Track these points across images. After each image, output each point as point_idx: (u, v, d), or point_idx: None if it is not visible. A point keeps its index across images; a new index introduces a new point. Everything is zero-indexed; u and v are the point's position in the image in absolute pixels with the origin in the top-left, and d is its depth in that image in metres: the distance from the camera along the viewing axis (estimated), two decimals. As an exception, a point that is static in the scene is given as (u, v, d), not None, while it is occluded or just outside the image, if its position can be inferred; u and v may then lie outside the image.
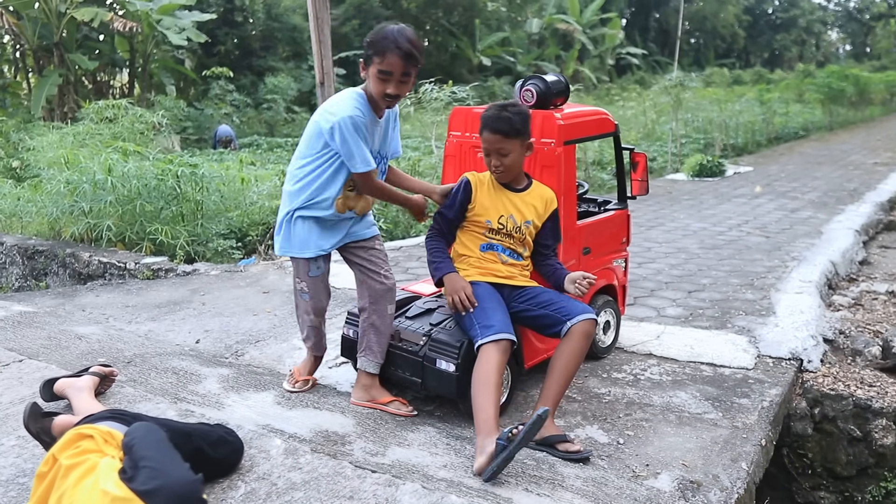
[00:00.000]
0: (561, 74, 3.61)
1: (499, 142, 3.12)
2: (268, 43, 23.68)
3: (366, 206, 3.30)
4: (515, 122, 3.09)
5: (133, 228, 7.06)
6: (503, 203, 3.26)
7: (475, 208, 3.28)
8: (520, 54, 26.74)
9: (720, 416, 3.33)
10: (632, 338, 4.25)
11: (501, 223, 3.25)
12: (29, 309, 4.97)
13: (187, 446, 2.40)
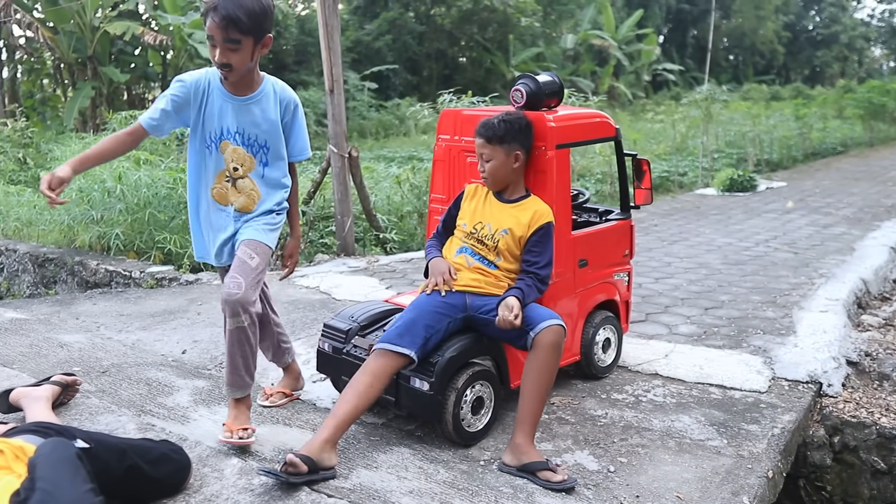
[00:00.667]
0: (555, 75, 3.38)
1: (481, 146, 3.08)
2: (301, 57, 23.85)
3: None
4: (499, 129, 3.02)
5: (142, 237, 7.00)
6: (486, 211, 3.15)
7: (460, 214, 3.24)
8: (554, 69, 26.53)
9: (724, 444, 3.04)
10: (637, 356, 3.98)
11: (475, 228, 3.14)
12: (21, 316, 4.87)
13: (119, 464, 2.22)
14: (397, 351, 2.82)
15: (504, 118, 3.03)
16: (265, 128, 2.86)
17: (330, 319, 3.39)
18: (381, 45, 24.50)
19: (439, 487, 2.57)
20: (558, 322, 2.87)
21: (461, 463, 2.84)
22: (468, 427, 3.01)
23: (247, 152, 2.87)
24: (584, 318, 3.56)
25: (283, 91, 2.93)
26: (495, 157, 3.04)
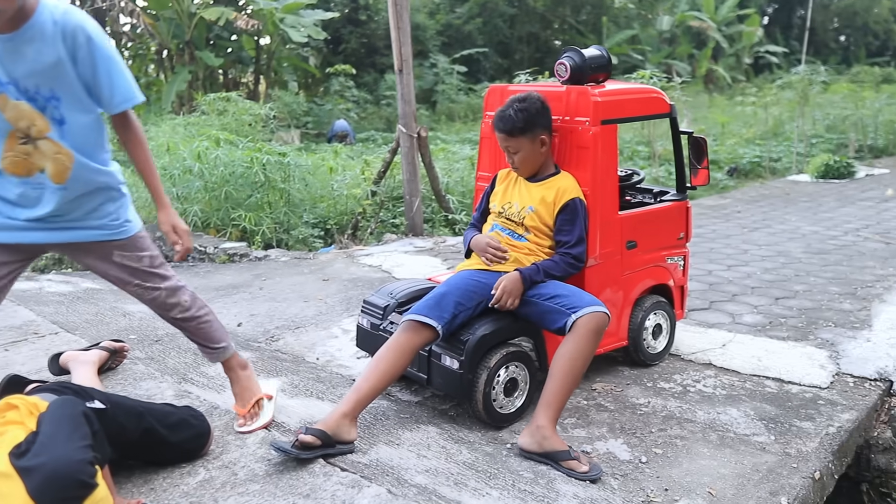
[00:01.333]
0: (603, 49, 3.24)
1: (504, 140, 3.02)
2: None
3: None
4: (517, 120, 2.94)
5: (219, 214, 7.22)
6: (514, 192, 3.14)
7: (492, 198, 3.25)
8: (649, 52, 25.67)
9: (771, 440, 2.85)
10: (692, 345, 3.79)
11: (503, 208, 3.13)
12: (96, 286, 5.11)
13: (136, 426, 2.27)
14: (423, 321, 2.78)
15: (518, 107, 2.94)
16: (46, 73, 2.13)
17: (370, 296, 3.38)
18: (471, 28, 24.37)
19: (457, 468, 2.52)
20: (602, 309, 2.76)
21: (487, 445, 2.77)
22: (500, 409, 2.94)
23: (32, 108, 2.17)
24: (632, 302, 3.41)
25: (65, 19, 2.10)
26: (522, 148, 2.99)
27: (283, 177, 7.48)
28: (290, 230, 7.19)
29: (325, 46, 21.72)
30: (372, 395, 2.72)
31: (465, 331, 2.88)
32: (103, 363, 3.15)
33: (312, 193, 7.87)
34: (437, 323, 2.80)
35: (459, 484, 2.41)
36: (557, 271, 2.95)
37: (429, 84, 22.15)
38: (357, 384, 2.71)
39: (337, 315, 4.45)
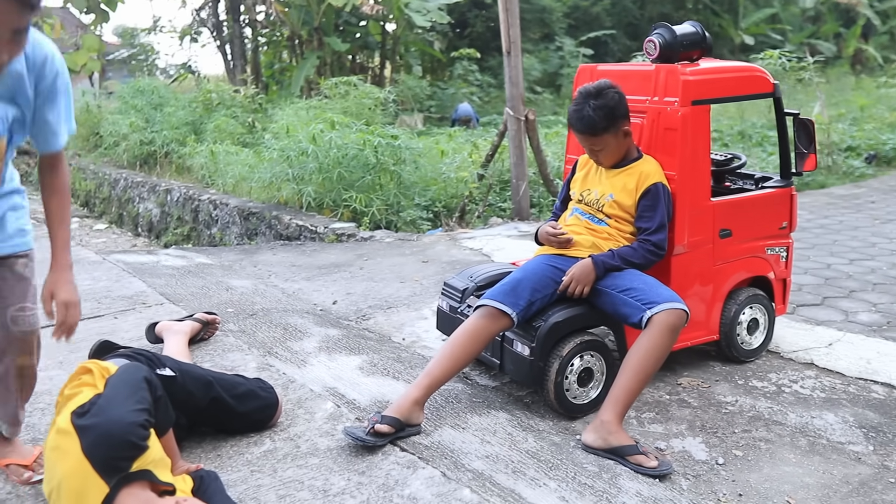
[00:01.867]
0: (698, 25, 3.05)
1: (586, 140, 2.92)
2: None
3: None
4: (597, 120, 2.82)
5: (331, 195, 7.44)
6: (594, 178, 3.06)
7: (572, 184, 3.18)
8: (790, 32, 24.06)
9: (869, 450, 2.62)
10: (795, 343, 3.54)
11: (582, 195, 3.05)
12: (208, 261, 5.41)
13: (204, 395, 2.37)
14: (497, 307, 2.74)
15: (596, 104, 2.81)
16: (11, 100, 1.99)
17: (450, 278, 3.38)
18: (598, 10, 23.74)
19: (519, 456, 2.47)
20: (679, 306, 2.63)
21: (556, 435, 2.71)
22: (573, 399, 2.87)
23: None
24: (724, 294, 3.22)
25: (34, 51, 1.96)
26: (606, 145, 2.89)
27: (395, 159, 7.60)
28: (400, 212, 7.31)
29: (450, 30, 21.81)
30: (443, 380, 2.71)
31: (539, 317, 2.82)
32: (195, 334, 3.32)
33: (423, 176, 7.95)
34: (512, 310, 2.75)
35: (518, 472, 2.36)
36: (636, 258, 2.82)
37: (554, 67, 21.83)
38: (429, 368, 2.71)
39: (430, 297, 4.48)
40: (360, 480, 2.28)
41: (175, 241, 9.03)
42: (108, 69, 30.30)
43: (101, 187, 11.41)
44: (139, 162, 11.88)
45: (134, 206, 10.42)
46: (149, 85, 13.27)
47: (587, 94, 2.85)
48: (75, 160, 12.86)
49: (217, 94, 13.34)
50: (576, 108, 2.87)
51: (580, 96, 2.87)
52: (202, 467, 2.24)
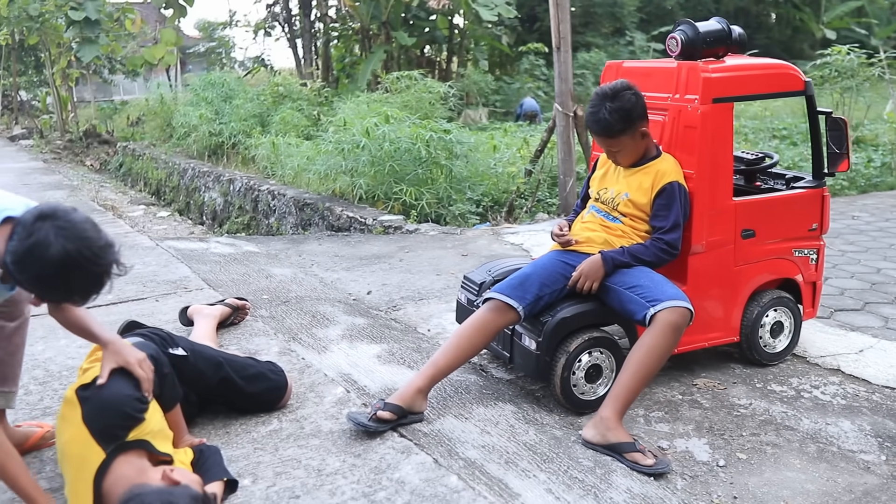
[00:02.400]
0: (724, 21, 3.00)
1: (602, 142, 2.93)
2: (588, 19, 23.52)
3: None
4: (612, 123, 2.81)
5: (382, 188, 7.56)
6: (611, 177, 3.06)
7: (591, 182, 3.20)
8: (876, 26, 22.99)
9: (881, 460, 2.54)
10: (824, 348, 3.45)
11: (599, 193, 3.06)
12: (256, 250, 5.60)
13: (214, 374, 2.50)
14: (505, 301, 2.77)
15: (612, 106, 2.78)
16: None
17: (469, 272, 3.42)
18: (672, 4, 23.24)
19: (515, 447, 2.51)
20: (683, 304, 2.61)
21: (559, 429, 2.73)
22: (581, 394, 2.88)
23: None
24: (747, 295, 3.16)
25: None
26: (623, 146, 2.89)
27: (447, 153, 7.67)
28: (450, 206, 7.38)
29: (519, 25, 21.72)
30: (448, 371, 2.77)
31: (547, 312, 2.84)
32: (225, 318, 3.47)
33: (475, 171, 7.99)
34: (519, 304, 2.78)
35: (510, 463, 2.40)
36: (647, 256, 2.81)
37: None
38: (434, 359, 2.77)
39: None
40: (355, 462, 2.36)
41: (236, 230, 9.34)
42: (188, 62, 31.40)
43: (171, 176, 11.87)
44: (208, 152, 12.30)
45: (200, 195, 10.81)
46: (219, 78, 13.70)
47: (603, 96, 2.83)
48: (149, 150, 13.41)
49: (284, 87, 13.68)
50: (592, 109, 2.86)
51: (596, 97, 2.86)
52: (205, 442, 2.36)
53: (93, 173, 13.25)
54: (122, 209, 8.89)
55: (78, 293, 1.92)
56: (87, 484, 1.95)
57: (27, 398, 2.79)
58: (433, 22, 19.18)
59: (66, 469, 2.03)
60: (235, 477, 2.24)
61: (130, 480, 1.92)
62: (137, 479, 1.93)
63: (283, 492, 2.21)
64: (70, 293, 1.91)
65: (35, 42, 16.95)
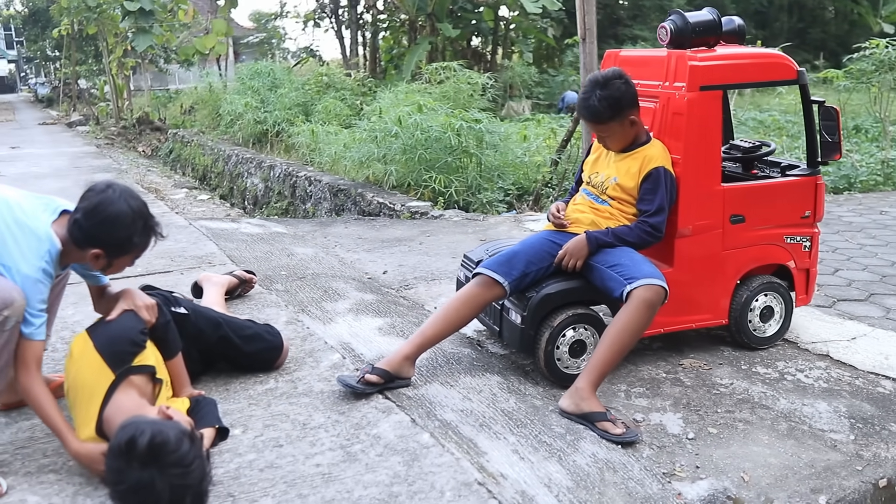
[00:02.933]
0: (714, 11, 3.08)
1: (592, 127, 3.04)
2: (636, 12, 23.34)
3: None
4: (603, 110, 2.92)
5: (413, 175, 7.75)
6: (604, 162, 3.16)
7: (585, 165, 3.31)
8: (940, 18, 22.28)
9: (849, 440, 2.61)
10: (817, 334, 3.50)
11: (590, 177, 3.17)
12: (283, 231, 5.83)
13: (213, 333, 2.73)
14: (491, 276, 2.91)
15: (601, 94, 2.88)
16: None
17: (469, 251, 3.57)
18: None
19: (492, 413, 2.65)
20: (657, 282, 2.72)
21: (539, 399, 2.86)
22: (565, 368, 3.00)
23: None
24: (736, 280, 3.24)
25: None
26: (612, 132, 2.99)
27: (477, 142, 7.81)
28: (478, 193, 7.52)
29: (566, 17, 21.66)
30: (435, 340, 2.93)
31: (533, 288, 2.98)
32: (233, 288, 3.69)
33: (504, 160, 8.11)
34: (505, 279, 2.92)
35: (484, 426, 2.55)
36: (630, 237, 2.92)
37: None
38: (423, 328, 2.93)
39: (475, 272, 4.67)
40: (338, 419, 2.54)
41: (275, 214, 9.65)
42: (241, 52, 32.10)
43: (216, 162, 12.27)
44: (253, 140, 12.68)
45: (243, 180, 11.17)
46: (266, 67, 14.06)
47: (594, 83, 2.94)
48: (197, 137, 13.86)
49: (328, 76, 13.96)
50: (583, 96, 2.98)
51: (588, 84, 2.97)
52: (203, 394, 2.57)
53: (143, 158, 13.78)
54: (165, 192, 9.27)
55: (139, 244, 2.33)
56: (95, 407, 2.20)
57: (53, 355, 3.05)
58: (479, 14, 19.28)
59: (76, 399, 2.27)
60: (227, 426, 2.44)
61: (129, 412, 2.14)
62: (136, 411, 2.15)
63: (268, 441, 2.40)
64: (132, 245, 2.31)
65: (94, 32, 17.62)
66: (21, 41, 37.49)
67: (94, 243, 2.26)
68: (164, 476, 1.89)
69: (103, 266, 2.35)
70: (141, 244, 2.34)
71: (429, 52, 17.36)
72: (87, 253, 2.29)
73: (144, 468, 1.88)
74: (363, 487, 2.14)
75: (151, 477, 1.88)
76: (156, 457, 1.89)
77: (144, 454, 1.88)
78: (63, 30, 19.14)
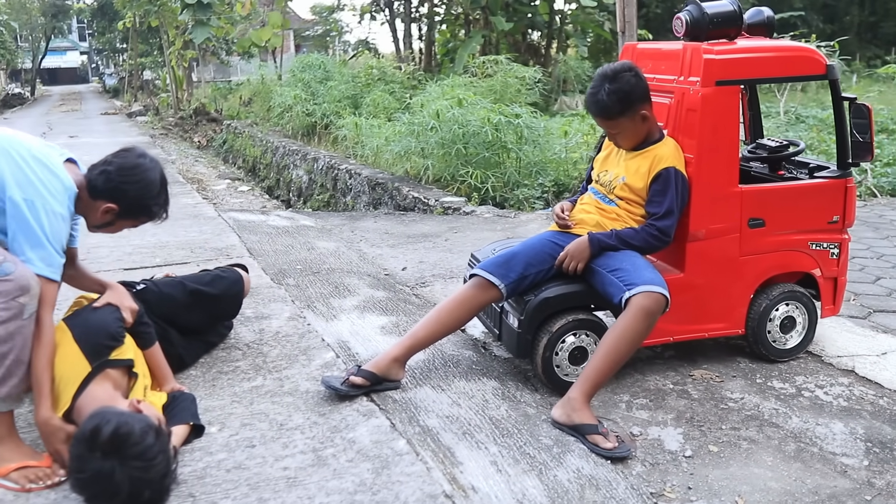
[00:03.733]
0: (735, 2, 2.88)
1: (601, 123, 2.91)
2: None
3: None
4: (610, 105, 2.78)
5: (449, 170, 7.65)
6: (612, 160, 3.03)
7: (594, 162, 3.19)
8: None
9: (862, 465, 2.42)
10: (844, 347, 3.28)
11: (599, 175, 3.04)
12: (311, 224, 5.82)
13: (182, 292, 2.83)
14: (487, 279, 2.81)
15: (610, 88, 2.74)
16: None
17: (477, 250, 3.46)
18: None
19: (479, 420, 2.55)
20: (658, 290, 2.57)
21: (534, 407, 2.74)
22: (564, 376, 2.87)
23: None
24: (753, 287, 3.05)
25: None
26: (622, 129, 2.85)
27: (516, 137, 7.66)
28: (515, 189, 7.38)
29: (624, 10, 21.25)
30: (427, 343, 2.84)
31: (532, 291, 2.86)
32: None
33: (544, 156, 7.94)
34: (501, 282, 2.81)
35: (466, 434, 2.44)
36: (636, 241, 2.77)
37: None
38: (414, 330, 2.84)
39: (496, 271, 4.56)
40: (317, 420, 2.48)
41: (317, 207, 9.68)
42: (302, 45, 32.50)
43: (265, 154, 12.41)
44: (302, 132, 12.77)
45: (288, 172, 11.25)
46: (316, 59, 14.14)
47: (603, 77, 2.80)
48: (249, 128, 14.05)
49: (378, 69, 13.97)
50: (592, 91, 2.83)
51: (597, 78, 2.83)
52: (184, 389, 2.54)
53: (195, 149, 14.03)
54: (207, 182, 9.41)
55: (151, 215, 2.46)
56: (68, 395, 2.20)
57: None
58: (534, 7, 19.03)
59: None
60: (204, 423, 2.40)
61: (100, 402, 2.12)
62: (108, 403, 2.13)
63: (242, 440, 2.35)
64: (147, 212, 2.44)
65: (156, 25, 18.05)
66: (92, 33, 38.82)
67: (114, 198, 2.34)
68: (124, 467, 1.89)
69: (106, 222, 2.40)
70: (153, 215, 2.46)
71: (482, 45, 17.24)
72: (98, 204, 2.34)
73: (106, 458, 1.88)
74: (325, 494, 2.07)
75: (112, 467, 1.88)
76: (118, 448, 1.89)
77: (107, 444, 1.89)
78: (127, 22, 19.67)
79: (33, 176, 2.16)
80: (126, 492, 1.90)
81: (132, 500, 1.92)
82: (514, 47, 18.67)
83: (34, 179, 2.15)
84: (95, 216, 2.38)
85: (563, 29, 18.94)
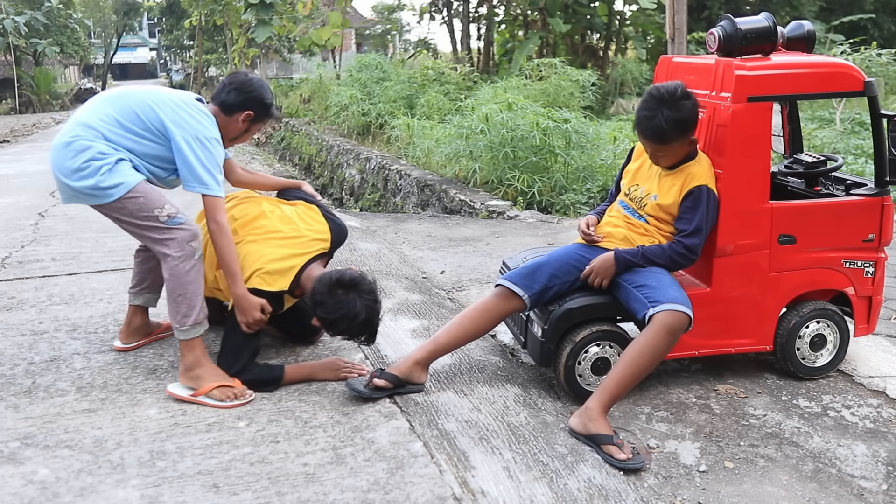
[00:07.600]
0: (770, 17, 2.87)
1: (649, 146, 2.86)
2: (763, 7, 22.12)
3: None
4: (667, 131, 2.73)
5: (497, 173, 7.71)
6: (644, 174, 3.03)
7: (624, 173, 3.19)
8: None
9: (881, 489, 2.40)
10: (877, 367, 3.22)
11: (630, 189, 3.04)
12: (357, 225, 5.95)
13: None
14: (510, 289, 2.87)
15: (670, 115, 2.69)
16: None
17: (508, 257, 3.52)
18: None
19: (497, 426, 2.61)
20: (681, 308, 2.60)
21: (553, 416, 2.79)
22: (586, 385, 2.92)
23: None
24: (782, 304, 3.04)
25: None
26: (671, 152, 2.83)
27: (565, 141, 7.67)
28: (561, 194, 7.39)
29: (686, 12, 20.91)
30: (448, 349, 2.91)
31: (557, 302, 2.90)
32: None
33: (592, 161, 7.93)
34: (525, 293, 2.86)
35: (483, 439, 2.51)
36: (661, 259, 2.79)
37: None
38: (436, 335, 2.92)
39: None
40: (340, 420, 2.58)
41: (368, 207, 9.85)
42: (363, 43, 32.90)
43: (320, 152, 12.66)
44: (357, 131, 12.99)
45: (342, 171, 11.47)
46: (374, 59, 14.34)
47: (661, 100, 2.73)
48: (306, 126, 14.34)
49: (433, 70, 14.09)
50: (648, 114, 2.75)
51: (654, 101, 2.75)
52: None
53: (253, 146, 14.38)
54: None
55: (273, 115, 3.06)
56: (292, 274, 2.89)
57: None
58: (593, 9, 18.89)
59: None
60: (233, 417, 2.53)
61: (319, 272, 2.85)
62: None
63: (267, 436, 2.46)
64: (271, 112, 2.99)
65: (221, 23, 18.56)
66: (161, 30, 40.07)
67: (247, 106, 2.87)
68: (361, 299, 2.65)
69: (244, 130, 2.93)
70: (274, 115, 3.07)
71: (539, 46, 17.22)
72: (235, 117, 2.87)
73: (347, 293, 2.63)
74: (340, 491, 2.16)
75: (354, 298, 2.63)
76: (356, 285, 2.67)
77: (348, 283, 2.65)
78: (194, 20, 20.27)
79: (188, 116, 2.72)
80: (363, 318, 2.64)
81: (366, 325, 2.66)
82: (572, 49, 18.59)
83: (189, 119, 2.71)
84: (236, 127, 2.91)
85: (622, 31, 18.75)
